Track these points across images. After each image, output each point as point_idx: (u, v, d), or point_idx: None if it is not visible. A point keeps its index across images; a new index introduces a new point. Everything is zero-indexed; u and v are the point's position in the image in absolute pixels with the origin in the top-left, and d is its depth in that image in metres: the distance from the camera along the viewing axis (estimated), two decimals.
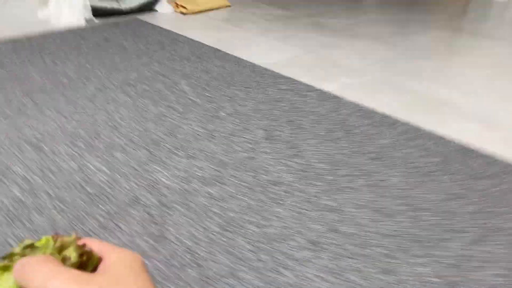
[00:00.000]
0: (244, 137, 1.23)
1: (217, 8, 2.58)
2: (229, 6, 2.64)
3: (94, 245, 0.33)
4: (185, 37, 2.03)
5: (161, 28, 2.14)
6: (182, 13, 2.44)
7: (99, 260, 0.32)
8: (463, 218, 0.95)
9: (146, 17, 2.32)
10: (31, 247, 0.32)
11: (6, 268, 0.31)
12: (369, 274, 0.80)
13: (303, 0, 2.91)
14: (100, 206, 0.94)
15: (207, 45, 1.94)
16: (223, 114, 1.35)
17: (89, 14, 2.15)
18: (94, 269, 0.31)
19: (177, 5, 2.47)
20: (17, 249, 0.32)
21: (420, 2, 3.08)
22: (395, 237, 0.89)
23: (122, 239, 0.85)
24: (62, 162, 1.08)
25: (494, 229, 0.92)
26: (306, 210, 0.95)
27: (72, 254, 0.31)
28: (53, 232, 0.81)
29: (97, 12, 2.19)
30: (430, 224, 0.93)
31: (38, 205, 0.93)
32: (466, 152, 1.21)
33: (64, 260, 0.30)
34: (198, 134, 1.23)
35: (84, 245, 0.32)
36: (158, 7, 2.43)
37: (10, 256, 0.32)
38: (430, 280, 0.79)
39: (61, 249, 0.31)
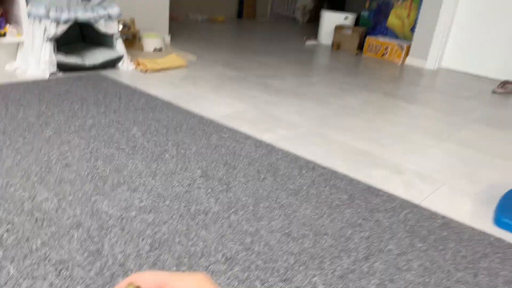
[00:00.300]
0: (183, 175, 1.41)
1: (175, 68, 2.84)
2: (187, 66, 2.92)
3: (155, 278, 0.32)
4: (142, 91, 2.25)
5: (121, 83, 2.36)
6: (142, 71, 2.68)
7: None
8: (355, 242, 1.14)
9: (108, 73, 2.54)
10: None
11: None
12: (271, 282, 0.96)
13: (256, 63, 3.24)
14: (45, 228, 1.07)
15: (161, 99, 2.16)
16: (167, 156, 1.54)
17: (54, 68, 2.34)
18: None
19: (138, 64, 2.72)
20: None
21: (361, 69, 3.49)
22: (297, 255, 1.06)
23: (63, 256, 0.98)
24: (14, 192, 1.21)
25: (377, 251, 1.12)
26: (227, 233, 1.12)
27: None
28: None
29: (62, 67, 2.39)
30: (327, 246, 1.11)
31: None
32: (370, 191, 1.43)
33: None
34: (142, 172, 1.40)
35: None
36: (120, 64, 2.67)
37: None
38: (319, 287, 0.96)
39: None
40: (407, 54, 4.00)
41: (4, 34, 2.33)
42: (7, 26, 2.36)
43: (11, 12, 2.40)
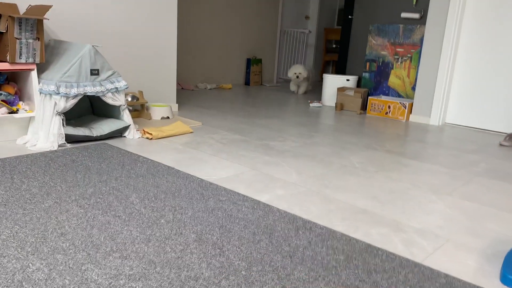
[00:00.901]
0: (177, 240, 1.40)
1: (180, 134, 2.93)
2: (192, 132, 3.00)
3: None
4: (145, 158, 2.31)
5: (125, 151, 2.43)
6: (148, 138, 2.77)
7: None
8: None
9: (114, 141, 2.63)
10: None
11: None
12: None
13: (259, 126, 3.32)
14: None
15: (163, 164, 2.20)
16: (163, 221, 1.54)
17: (63, 140, 2.44)
18: None
19: (144, 132, 2.81)
20: None
21: (364, 128, 3.53)
22: None
23: None
24: (8, 263, 1.21)
25: None
26: None
27: None
28: None
29: (70, 138, 2.49)
30: None
31: None
32: (369, 251, 1.39)
33: None
34: (135, 239, 1.40)
35: None
36: (127, 133, 2.77)
37: None
38: None
39: None
40: (410, 111, 4.05)
41: (17, 111, 2.47)
42: (20, 103, 2.51)
43: (25, 90, 2.56)
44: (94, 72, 2.57)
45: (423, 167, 2.44)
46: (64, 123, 2.48)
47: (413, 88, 4.30)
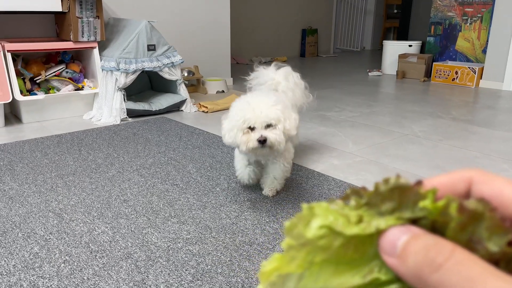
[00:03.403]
0: (231, 207, 1.42)
1: None
2: None
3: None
4: (201, 130, 2.35)
5: (182, 123, 2.49)
6: (204, 111, 2.81)
7: None
8: None
9: (172, 115, 2.71)
10: (409, 196, 0.20)
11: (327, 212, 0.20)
12: None
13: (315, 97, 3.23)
14: (98, 259, 1.13)
15: (218, 136, 2.23)
16: (218, 189, 1.56)
17: (124, 115, 2.55)
18: None
19: (200, 106, 2.86)
20: (381, 187, 0.20)
21: (428, 96, 3.32)
22: None
23: (111, 286, 1.03)
24: (76, 227, 1.30)
25: None
26: None
27: (492, 239, 0.18)
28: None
29: (131, 113, 2.60)
30: None
31: (50, 257, 1.14)
32: None
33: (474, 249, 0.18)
34: (192, 205, 1.44)
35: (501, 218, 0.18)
36: (183, 107, 2.83)
37: (353, 195, 0.21)
38: None
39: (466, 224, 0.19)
40: (480, 76, 3.74)
41: (82, 88, 2.61)
42: (85, 80, 2.65)
43: (88, 68, 2.70)
44: (151, 48, 2.63)
45: (494, 135, 2.24)
46: (125, 98, 2.58)
47: (484, 51, 3.95)
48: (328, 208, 0.20)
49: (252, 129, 1.24)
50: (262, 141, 1.21)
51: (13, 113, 2.63)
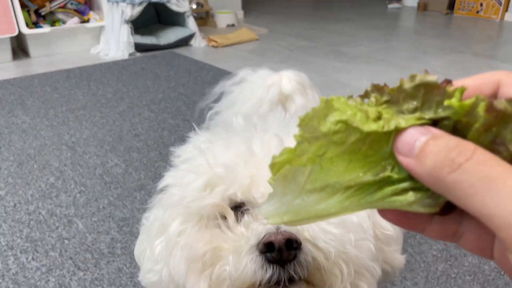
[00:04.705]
0: None
1: (246, 42, 2.84)
2: (257, 39, 2.90)
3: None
4: (211, 65, 2.29)
5: (191, 58, 2.42)
6: (213, 46, 2.72)
7: None
8: None
9: (181, 50, 2.63)
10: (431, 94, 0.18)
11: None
12: None
13: (330, 32, 3.10)
14: (113, 190, 1.15)
15: (228, 71, 2.17)
16: None
17: (132, 49, 2.49)
18: None
19: (209, 40, 2.77)
20: (406, 84, 0.19)
21: (450, 30, 3.16)
22: None
23: (126, 215, 1.05)
24: (89, 159, 1.31)
25: None
26: None
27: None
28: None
29: (139, 47, 2.53)
30: None
31: (65, 188, 1.16)
32: None
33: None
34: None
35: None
36: (192, 42, 2.74)
37: (374, 92, 0.20)
38: None
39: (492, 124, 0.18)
40: (506, 9, 3.52)
41: (88, 20, 2.53)
42: (90, 12, 2.55)
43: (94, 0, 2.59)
44: None
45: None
46: (133, 31, 2.50)
47: None
48: (347, 103, 0.19)
49: None
50: None
51: (20, 47, 2.58)
